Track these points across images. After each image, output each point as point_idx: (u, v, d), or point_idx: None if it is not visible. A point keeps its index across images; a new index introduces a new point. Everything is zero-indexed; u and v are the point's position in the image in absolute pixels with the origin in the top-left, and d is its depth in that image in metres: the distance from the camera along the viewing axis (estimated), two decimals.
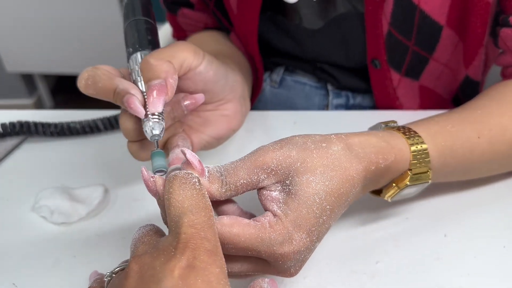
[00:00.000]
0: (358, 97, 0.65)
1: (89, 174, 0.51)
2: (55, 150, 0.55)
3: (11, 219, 0.46)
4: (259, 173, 0.32)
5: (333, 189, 0.33)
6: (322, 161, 0.33)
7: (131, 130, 0.39)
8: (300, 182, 0.32)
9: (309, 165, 0.32)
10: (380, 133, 0.38)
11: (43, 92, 2.09)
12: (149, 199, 0.48)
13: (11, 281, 0.40)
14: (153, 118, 0.35)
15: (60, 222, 0.45)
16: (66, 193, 0.46)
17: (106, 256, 0.42)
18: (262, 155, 0.33)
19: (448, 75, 0.58)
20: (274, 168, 0.32)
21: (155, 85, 0.35)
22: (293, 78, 0.67)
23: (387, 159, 0.36)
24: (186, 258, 0.26)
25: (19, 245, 0.44)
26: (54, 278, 0.40)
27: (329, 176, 0.33)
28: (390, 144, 0.37)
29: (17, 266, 0.42)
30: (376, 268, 0.39)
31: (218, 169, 0.33)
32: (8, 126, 0.55)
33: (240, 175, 0.32)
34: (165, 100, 0.36)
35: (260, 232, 0.31)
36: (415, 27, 0.52)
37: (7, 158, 0.54)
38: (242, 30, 0.61)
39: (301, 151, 0.33)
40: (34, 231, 0.45)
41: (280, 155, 0.33)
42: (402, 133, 0.39)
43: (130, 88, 0.36)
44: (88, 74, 0.37)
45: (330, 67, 0.63)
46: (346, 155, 0.34)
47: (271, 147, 0.33)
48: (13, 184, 0.51)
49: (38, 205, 0.45)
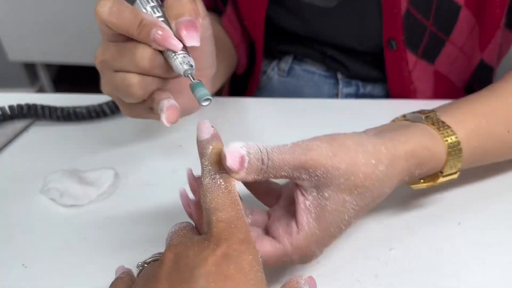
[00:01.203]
0: (368, 86, 0.64)
1: (98, 157, 0.51)
2: (64, 134, 0.54)
3: (20, 201, 0.46)
4: (303, 172, 0.31)
5: (363, 208, 0.33)
6: (365, 182, 0.32)
7: (151, 59, 0.35)
8: (337, 200, 0.32)
9: (350, 184, 0.32)
10: (424, 139, 0.36)
11: (45, 82, 2.08)
12: (158, 184, 0.47)
13: (21, 263, 0.40)
14: (183, 52, 0.35)
15: (69, 205, 0.44)
16: (75, 176, 0.46)
17: (116, 239, 0.41)
18: (313, 159, 0.31)
19: (463, 60, 0.58)
20: (320, 174, 0.31)
21: (189, 20, 0.34)
22: (302, 67, 0.66)
23: (424, 168, 0.36)
24: (219, 248, 0.26)
25: (29, 227, 0.43)
26: (64, 259, 0.40)
27: (364, 197, 0.33)
28: (432, 154, 0.36)
29: (26, 247, 0.41)
30: (390, 255, 0.39)
31: (262, 155, 0.30)
32: (16, 108, 0.55)
33: (284, 169, 0.31)
34: (199, 37, 0.35)
35: (281, 256, 0.32)
36: (433, 6, 0.52)
37: (15, 141, 0.54)
38: (248, 12, 0.59)
39: (349, 166, 0.32)
40: (44, 213, 0.44)
41: (330, 165, 0.31)
42: (442, 134, 0.38)
43: (158, 22, 0.35)
44: (112, 1, 0.35)
45: (341, 54, 0.62)
46: (388, 172, 0.33)
47: (324, 152, 0.31)
48: (22, 166, 0.50)
49: (47, 187, 0.45)
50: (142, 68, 0.36)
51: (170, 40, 0.34)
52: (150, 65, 0.35)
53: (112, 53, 0.37)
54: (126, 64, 0.36)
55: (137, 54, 0.35)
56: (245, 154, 0.29)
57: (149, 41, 0.34)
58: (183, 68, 0.34)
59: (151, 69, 0.36)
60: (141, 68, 0.36)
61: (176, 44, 0.34)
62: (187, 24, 0.34)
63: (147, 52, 0.35)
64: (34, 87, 2.09)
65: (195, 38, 0.34)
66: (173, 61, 0.35)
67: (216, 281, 0.25)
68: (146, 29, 0.34)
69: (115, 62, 0.37)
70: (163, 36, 0.34)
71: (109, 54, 0.37)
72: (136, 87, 0.37)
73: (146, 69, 0.36)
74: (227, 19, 0.63)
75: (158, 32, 0.34)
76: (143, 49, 0.35)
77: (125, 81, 0.37)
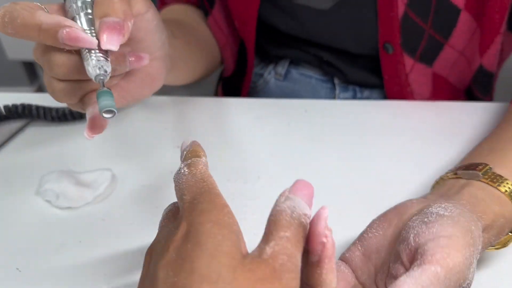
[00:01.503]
0: (365, 91, 0.64)
1: (95, 159, 0.50)
2: (60, 134, 0.54)
3: (15, 203, 0.45)
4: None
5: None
6: (455, 268, 0.28)
7: (65, 66, 0.32)
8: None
9: (445, 271, 0.28)
10: (495, 206, 0.34)
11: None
12: (156, 185, 0.47)
13: (15, 266, 0.39)
14: (100, 56, 0.31)
15: (65, 207, 0.44)
16: (72, 177, 0.45)
17: (112, 241, 0.41)
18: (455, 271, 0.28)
19: (463, 64, 0.57)
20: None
21: (114, 21, 0.31)
22: (299, 71, 0.66)
23: (501, 236, 0.35)
24: (179, 230, 0.24)
25: (23, 229, 0.42)
26: (59, 263, 0.39)
27: (448, 280, 0.28)
28: (506, 219, 0.34)
29: (21, 250, 0.40)
30: None
31: None
32: (11, 108, 0.54)
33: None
34: (121, 40, 0.31)
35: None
36: (432, 9, 0.51)
37: (11, 141, 0.53)
38: (239, 10, 0.58)
39: (457, 256, 0.29)
40: (39, 215, 0.44)
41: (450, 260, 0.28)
42: (509, 195, 0.35)
43: (63, 21, 0.31)
44: (4, 10, 0.31)
45: (337, 59, 0.61)
46: (471, 253, 0.30)
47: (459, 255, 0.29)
48: (17, 167, 0.49)
49: (43, 188, 0.44)
50: (58, 75, 0.33)
51: (79, 37, 0.30)
52: (65, 71, 0.33)
53: (40, 52, 0.34)
54: (46, 70, 0.34)
55: (51, 60, 0.32)
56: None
57: (59, 44, 0.31)
58: (95, 73, 0.31)
59: (68, 75, 0.33)
60: (58, 75, 0.33)
61: (87, 40, 0.31)
62: (110, 25, 0.31)
63: (60, 57, 0.32)
64: (33, 85, 2.09)
65: (114, 42, 0.31)
66: (86, 65, 0.31)
67: (174, 268, 0.23)
68: (49, 33, 0.31)
69: (42, 63, 0.34)
70: (69, 34, 0.30)
71: (38, 52, 0.34)
72: (60, 94, 0.35)
73: (62, 76, 0.33)
74: (213, 20, 0.62)
75: (64, 32, 0.30)
76: (56, 55, 0.32)
77: (50, 87, 0.35)
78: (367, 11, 0.54)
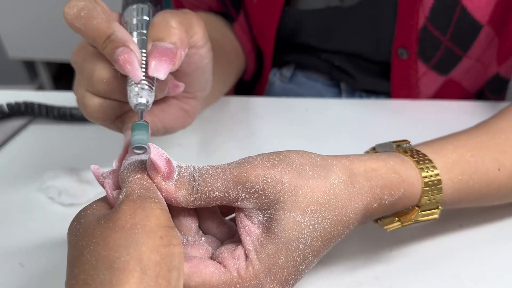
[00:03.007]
0: (372, 97, 0.63)
1: (97, 156, 0.50)
2: (63, 132, 0.54)
3: (18, 199, 0.45)
4: (240, 190, 0.27)
5: (322, 233, 0.28)
6: (317, 197, 0.28)
7: (109, 83, 0.31)
8: (285, 221, 0.27)
9: (300, 200, 0.27)
10: (390, 160, 0.32)
11: (45, 79, 2.08)
12: None
13: (18, 261, 0.39)
14: (145, 84, 0.29)
15: (68, 203, 0.44)
16: (74, 174, 0.45)
17: None
18: (248, 170, 0.27)
19: (478, 69, 0.56)
20: (259, 190, 0.27)
21: (166, 48, 0.29)
22: (305, 74, 0.65)
23: (394, 194, 0.31)
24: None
25: (26, 225, 0.43)
26: (61, 258, 0.39)
27: (321, 217, 0.28)
28: (401, 176, 0.31)
29: (24, 246, 0.41)
30: (391, 256, 0.39)
31: (193, 171, 0.28)
32: (14, 106, 0.54)
33: (216, 186, 0.27)
34: (170, 69, 0.29)
35: (223, 284, 0.27)
36: (452, 24, 0.50)
37: (14, 139, 0.53)
38: (259, 23, 0.58)
39: (295, 178, 0.28)
40: (41, 212, 0.44)
41: (270, 177, 0.27)
42: (416, 161, 0.33)
43: (129, 41, 0.30)
44: (84, 4, 0.29)
45: (348, 65, 0.60)
46: (346, 190, 0.29)
47: (261, 163, 0.28)
48: (21, 164, 0.50)
49: (46, 185, 0.45)
50: (98, 91, 0.31)
51: (131, 67, 0.29)
52: (107, 89, 0.31)
53: (82, 58, 0.32)
54: (83, 81, 0.31)
55: (95, 74, 0.30)
56: (174, 164, 0.27)
57: (111, 59, 0.29)
58: (135, 101, 0.29)
59: (107, 93, 0.31)
60: (97, 91, 0.31)
61: (135, 74, 0.29)
62: (162, 51, 0.29)
63: (106, 73, 0.30)
64: (33, 84, 2.09)
65: (163, 70, 0.29)
66: (128, 90, 0.30)
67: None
68: (112, 46, 0.29)
69: (78, 69, 0.32)
70: (125, 59, 0.28)
71: (80, 57, 0.32)
72: (93, 110, 0.32)
73: (102, 93, 0.31)
74: (240, 26, 0.61)
75: (123, 52, 0.29)
76: (102, 69, 0.30)
77: (82, 101, 0.32)
78: (387, 15, 0.53)
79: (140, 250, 0.23)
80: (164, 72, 0.29)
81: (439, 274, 0.37)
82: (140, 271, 0.23)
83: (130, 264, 0.23)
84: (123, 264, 0.23)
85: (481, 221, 0.42)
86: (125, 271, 0.23)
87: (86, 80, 0.31)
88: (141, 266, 0.23)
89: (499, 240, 0.40)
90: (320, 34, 0.59)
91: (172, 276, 0.24)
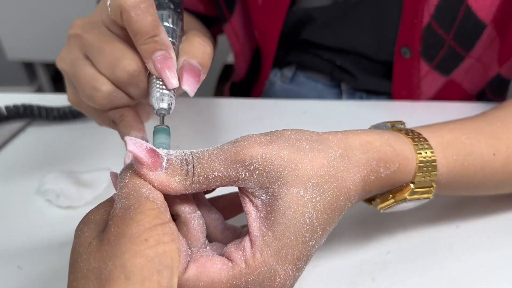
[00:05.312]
0: (372, 98, 0.63)
1: (95, 158, 0.51)
2: (61, 134, 0.54)
3: (16, 202, 0.45)
4: (239, 168, 0.27)
5: (325, 205, 0.28)
6: (316, 170, 0.28)
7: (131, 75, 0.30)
8: (290, 197, 0.27)
9: (300, 174, 0.27)
10: (385, 135, 0.32)
11: (44, 81, 2.08)
12: None
13: (16, 264, 0.39)
14: (169, 90, 0.30)
15: (65, 206, 0.44)
16: (72, 177, 0.45)
17: None
18: (245, 148, 0.27)
19: (479, 70, 0.56)
20: (259, 166, 0.27)
21: (196, 67, 0.30)
22: (306, 74, 0.65)
23: (390, 167, 0.31)
24: None
25: (24, 228, 0.43)
26: (59, 261, 0.40)
27: (322, 189, 0.28)
28: (395, 150, 0.31)
29: (22, 249, 0.41)
30: (387, 258, 0.39)
31: (185, 156, 0.27)
32: (13, 108, 0.54)
33: (214, 167, 0.27)
34: (197, 87, 0.30)
35: (233, 278, 0.26)
36: (457, 22, 0.50)
37: (12, 141, 0.53)
38: (263, 24, 0.58)
39: (293, 152, 0.28)
40: (39, 215, 0.44)
41: (268, 152, 0.27)
42: (410, 138, 0.33)
43: (171, 48, 0.30)
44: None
45: (350, 64, 0.60)
46: (344, 162, 0.29)
47: (257, 140, 0.28)
48: (18, 167, 0.50)
49: (44, 188, 0.45)
50: (117, 79, 0.30)
51: (170, 73, 0.29)
52: (128, 80, 0.30)
53: (98, 36, 0.31)
54: (103, 63, 0.30)
55: (122, 62, 0.30)
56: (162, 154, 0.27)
57: (147, 57, 0.29)
58: (158, 106, 0.30)
59: (126, 85, 0.31)
60: (116, 78, 0.30)
61: (171, 82, 0.29)
62: (193, 68, 0.30)
63: (134, 65, 0.30)
64: (32, 86, 2.09)
65: (192, 86, 0.29)
66: (153, 91, 0.30)
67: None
68: (154, 46, 0.29)
69: (93, 48, 0.31)
70: (166, 64, 0.29)
71: (95, 34, 0.31)
72: (102, 95, 0.31)
73: (121, 82, 0.31)
74: (231, 27, 0.61)
75: (165, 57, 0.29)
76: (131, 60, 0.30)
77: (92, 82, 0.31)
78: (391, 13, 0.53)
79: (123, 258, 0.24)
80: (193, 88, 0.30)
81: (436, 276, 0.37)
82: (123, 278, 0.23)
83: (114, 273, 0.23)
84: (108, 274, 0.23)
85: (477, 222, 0.42)
86: (109, 281, 0.23)
87: (105, 63, 0.30)
88: (125, 274, 0.23)
89: (496, 241, 0.40)
90: (324, 31, 0.59)
91: (162, 276, 0.24)
